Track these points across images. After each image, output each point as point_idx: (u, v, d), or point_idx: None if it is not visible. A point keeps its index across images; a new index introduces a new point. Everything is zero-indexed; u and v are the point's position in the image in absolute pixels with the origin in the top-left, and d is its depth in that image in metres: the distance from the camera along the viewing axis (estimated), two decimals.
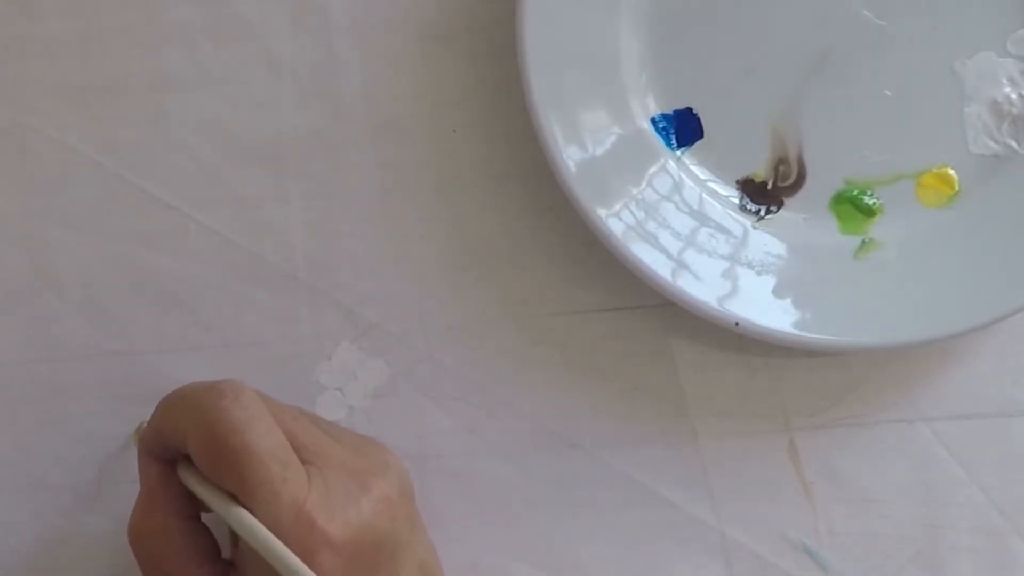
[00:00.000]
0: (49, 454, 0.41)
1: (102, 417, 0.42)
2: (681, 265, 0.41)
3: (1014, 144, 0.43)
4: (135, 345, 0.42)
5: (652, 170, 0.42)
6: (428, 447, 0.42)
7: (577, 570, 0.42)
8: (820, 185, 0.43)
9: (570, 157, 0.41)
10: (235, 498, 0.33)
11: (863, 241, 0.43)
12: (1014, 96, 0.43)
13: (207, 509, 0.34)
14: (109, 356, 0.42)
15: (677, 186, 0.42)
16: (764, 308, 0.41)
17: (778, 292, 0.42)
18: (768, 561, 0.42)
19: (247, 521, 0.32)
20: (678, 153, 0.43)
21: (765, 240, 0.42)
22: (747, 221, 0.43)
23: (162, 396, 0.41)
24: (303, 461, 0.33)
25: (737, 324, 0.40)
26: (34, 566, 0.41)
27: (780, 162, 0.43)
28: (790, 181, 0.43)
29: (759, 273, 0.42)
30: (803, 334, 0.41)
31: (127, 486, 0.41)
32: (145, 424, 0.36)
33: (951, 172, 0.43)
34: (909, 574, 0.42)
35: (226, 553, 0.36)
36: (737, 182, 0.43)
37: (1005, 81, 0.43)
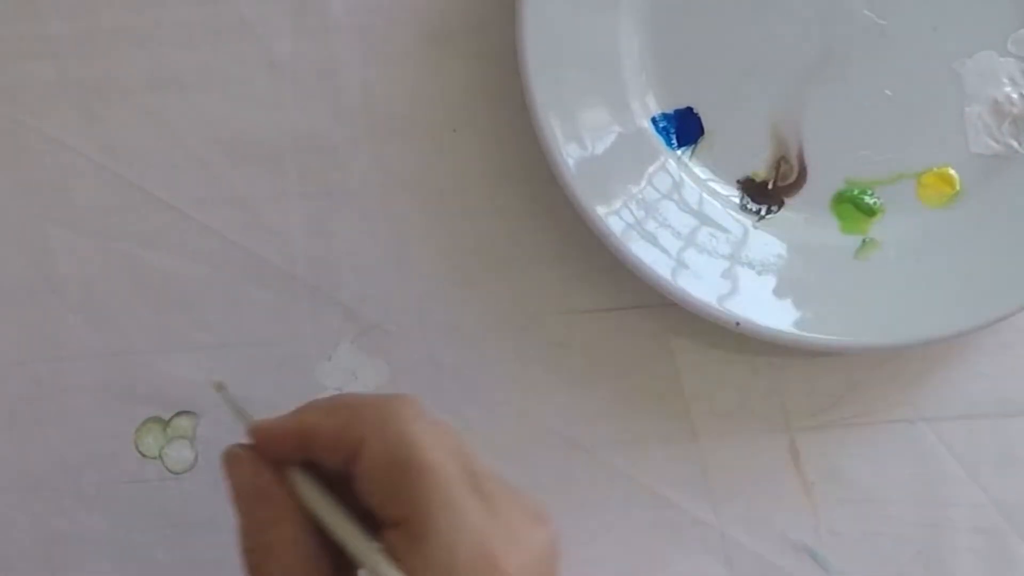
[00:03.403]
0: (49, 454, 0.41)
1: (102, 417, 0.42)
2: (681, 265, 0.41)
3: (1015, 144, 0.43)
4: (135, 345, 0.42)
5: (652, 169, 0.42)
6: None
7: (577, 570, 0.42)
8: (821, 185, 0.43)
9: (570, 156, 0.41)
10: (368, 527, 0.29)
11: (864, 241, 0.43)
12: (1015, 96, 0.43)
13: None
14: (109, 356, 0.42)
15: (677, 185, 0.42)
16: (765, 308, 0.41)
17: (779, 292, 0.42)
18: (768, 561, 0.42)
19: (373, 561, 0.28)
20: (678, 152, 0.43)
21: (765, 240, 0.42)
22: (747, 221, 0.43)
23: (162, 396, 0.41)
24: (480, 491, 0.30)
25: (738, 324, 0.40)
26: (34, 566, 0.41)
27: (781, 161, 0.43)
28: (791, 181, 0.43)
29: (760, 273, 0.42)
30: (803, 334, 0.41)
31: (127, 486, 0.41)
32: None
33: (952, 172, 0.43)
34: (909, 574, 0.42)
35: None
36: (738, 181, 0.43)
37: (1006, 80, 0.43)
